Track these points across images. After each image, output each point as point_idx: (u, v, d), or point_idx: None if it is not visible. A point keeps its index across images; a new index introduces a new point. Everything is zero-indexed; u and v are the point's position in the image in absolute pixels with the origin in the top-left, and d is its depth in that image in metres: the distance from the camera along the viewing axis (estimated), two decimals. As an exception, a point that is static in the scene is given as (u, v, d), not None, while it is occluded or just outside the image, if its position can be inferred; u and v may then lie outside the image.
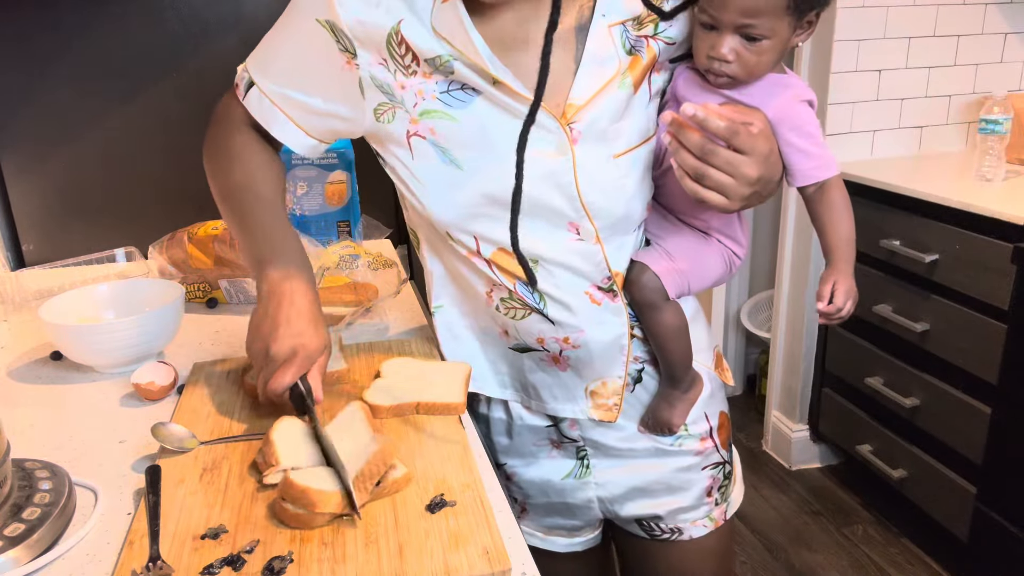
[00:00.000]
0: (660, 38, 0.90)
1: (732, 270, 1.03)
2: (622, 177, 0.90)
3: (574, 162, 0.86)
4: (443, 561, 0.65)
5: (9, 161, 1.51)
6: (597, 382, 1.00)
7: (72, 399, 1.00)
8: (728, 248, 1.00)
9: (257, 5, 1.54)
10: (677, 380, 1.01)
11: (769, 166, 0.82)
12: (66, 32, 1.47)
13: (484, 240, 0.91)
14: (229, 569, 0.65)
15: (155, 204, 1.59)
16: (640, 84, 0.89)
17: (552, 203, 0.88)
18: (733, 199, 0.80)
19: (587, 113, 0.86)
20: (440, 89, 0.86)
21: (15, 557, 0.67)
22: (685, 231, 0.99)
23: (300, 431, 0.81)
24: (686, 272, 0.97)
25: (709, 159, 0.79)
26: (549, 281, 0.92)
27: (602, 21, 0.86)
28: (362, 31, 0.84)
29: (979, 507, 1.87)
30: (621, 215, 0.91)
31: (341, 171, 1.46)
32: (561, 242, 0.90)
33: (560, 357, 0.97)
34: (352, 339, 1.13)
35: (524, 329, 0.96)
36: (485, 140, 0.86)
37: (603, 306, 0.95)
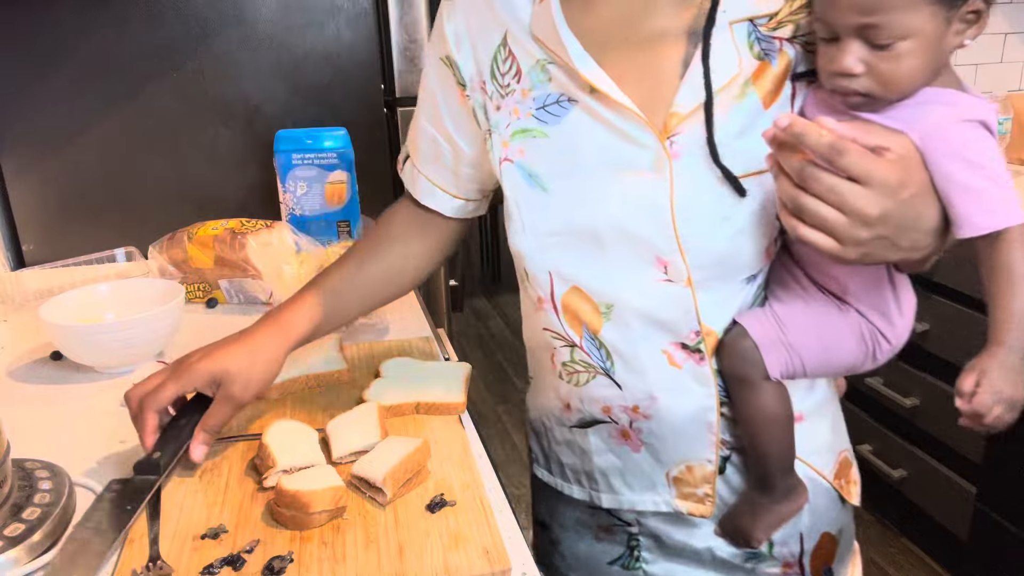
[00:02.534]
0: (799, 41, 0.72)
1: (876, 356, 0.77)
2: (730, 207, 0.72)
3: (671, 182, 0.72)
4: (443, 561, 0.65)
5: (9, 161, 1.51)
6: (680, 466, 0.82)
7: (72, 399, 1.00)
8: (871, 325, 0.76)
9: (257, 5, 1.54)
10: (766, 485, 0.80)
11: (904, 204, 0.61)
12: (66, 32, 1.47)
13: (559, 277, 0.79)
14: (229, 569, 0.65)
15: (155, 204, 1.59)
16: (774, 98, 0.72)
17: (640, 231, 0.74)
18: (845, 243, 0.62)
19: (692, 124, 0.72)
20: (536, 105, 0.78)
21: (15, 557, 0.67)
22: (812, 294, 0.77)
23: (293, 431, 0.82)
24: (797, 347, 0.76)
25: (808, 185, 0.61)
26: (620, 332, 0.78)
27: (723, 17, 0.72)
28: (469, 53, 0.81)
29: (979, 507, 1.87)
30: (722, 254, 0.74)
31: (341, 171, 1.46)
32: (645, 282, 0.75)
33: (631, 431, 0.82)
34: (352, 339, 1.13)
35: (588, 397, 0.83)
36: (575, 156, 0.76)
37: (684, 370, 0.78)
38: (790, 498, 0.80)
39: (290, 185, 1.46)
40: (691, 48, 0.73)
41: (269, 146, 1.48)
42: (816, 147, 0.60)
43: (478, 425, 0.92)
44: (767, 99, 0.72)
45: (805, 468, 0.82)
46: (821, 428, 0.84)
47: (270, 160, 1.49)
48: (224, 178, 1.62)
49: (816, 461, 0.83)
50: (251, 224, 1.33)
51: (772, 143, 0.64)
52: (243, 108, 1.58)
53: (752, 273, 0.77)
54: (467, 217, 0.96)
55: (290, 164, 1.45)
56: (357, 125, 1.62)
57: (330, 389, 0.96)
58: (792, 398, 0.79)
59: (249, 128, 1.60)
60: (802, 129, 0.60)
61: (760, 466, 0.79)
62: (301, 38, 1.58)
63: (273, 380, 0.84)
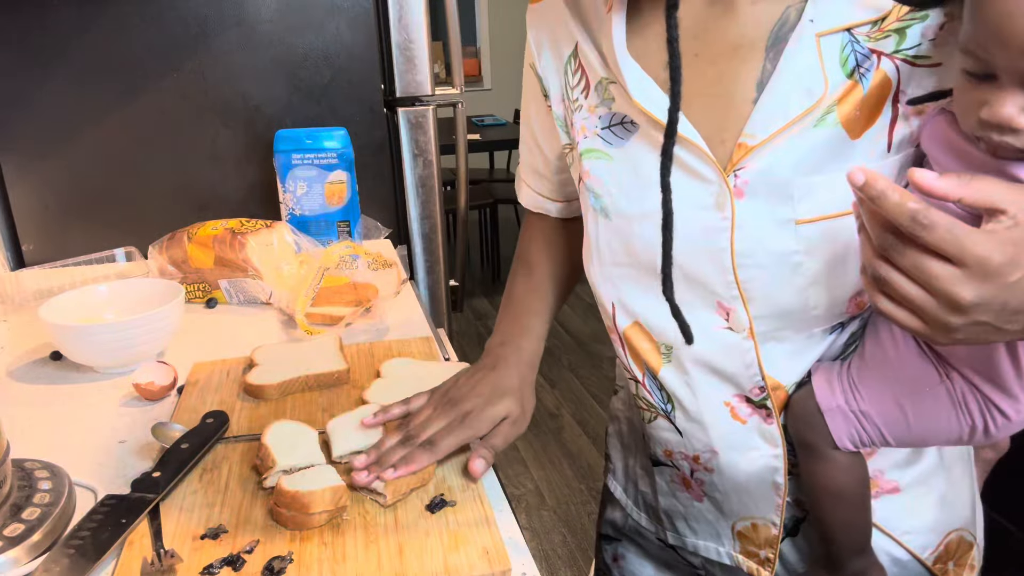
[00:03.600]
0: (903, 55, 0.60)
1: (989, 431, 0.63)
2: (801, 253, 0.63)
3: (732, 223, 0.64)
4: (443, 561, 0.65)
5: (9, 161, 1.51)
6: (746, 522, 0.76)
7: (72, 399, 1.00)
8: (980, 395, 0.62)
9: (257, 5, 1.54)
10: (832, 564, 0.71)
11: (1010, 288, 0.49)
12: (66, 32, 1.47)
13: (622, 309, 0.74)
14: (229, 569, 0.65)
15: (155, 204, 1.59)
16: (866, 126, 0.61)
17: (699, 274, 0.67)
18: (934, 328, 0.51)
19: (760, 158, 0.62)
20: (602, 124, 0.71)
21: (15, 557, 0.67)
22: (905, 353, 0.64)
23: (293, 431, 0.82)
24: (873, 416, 0.65)
25: (891, 257, 0.51)
26: (680, 377, 0.72)
27: (809, 28, 0.60)
28: (548, 63, 0.78)
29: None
30: (791, 306, 0.65)
31: (341, 171, 1.47)
32: (705, 327, 0.69)
33: (692, 481, 0.77)
34: (352, 339, 1.13)
35: (653, 436, 0.79)
36: (637, 184, 0.69)
37: (749, 425, 0.71)
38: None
39: (290, 185, 1.46)
40: (769, 66, 0.63)
41: (269, 146, 1.48)
42: (897, 217, 0.48)
43: (478, 425, 0.92)
44: (854, 127, 0.61)
45: (895, 547, 0.73)
46: (924, 503, 0.74)
47: (270, 160, 1.49)
48: (224, 178, 1.62)
49: (911, 541, 0.74)
50: (251, 224, 1.33)
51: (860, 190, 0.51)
52: (243, 108, 1.59)
53: (832, 324, 0.67)
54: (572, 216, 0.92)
55: (290, 164, 1.45)
56: (357, 125, 1.62)
57: (330, 389, 0.96)
58: (887, 464, 0.72)
59: (249, 128, 1.60)
60: (880, 191, 0.48)
61: (826, 542, 0.71)
62: (301, 38, 1.58)
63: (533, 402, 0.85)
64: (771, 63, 0.62)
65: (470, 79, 6.69)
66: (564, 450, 2.80)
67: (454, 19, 1.71)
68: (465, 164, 1.84)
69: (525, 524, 2.43)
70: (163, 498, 0.74)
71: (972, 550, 0.78)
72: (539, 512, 2.50)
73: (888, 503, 0.73)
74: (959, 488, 0.77)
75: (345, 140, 1.47)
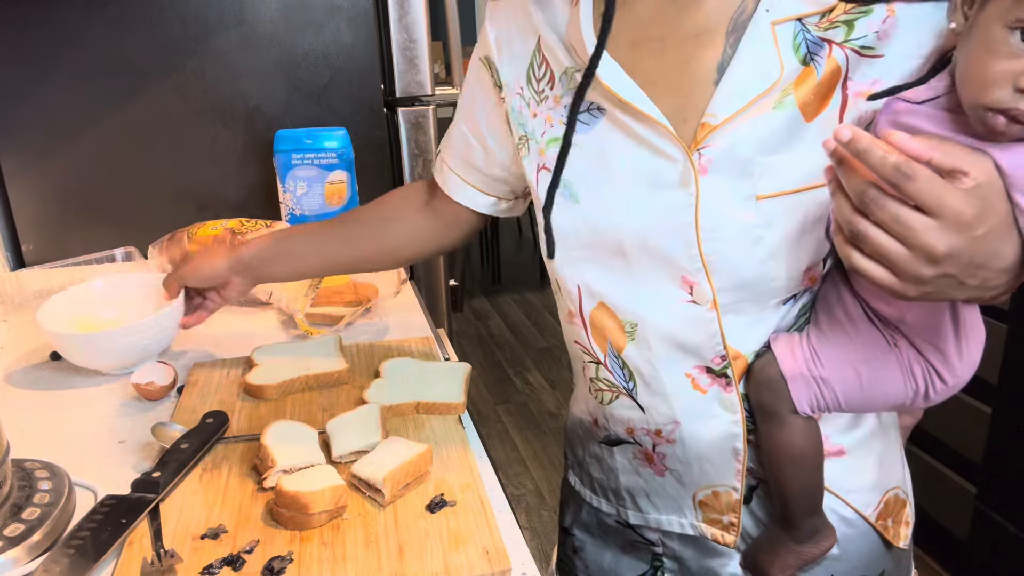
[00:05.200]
0: (851, 45, 0.65)
1: (929, 395, 0.69)
2: (762, 227, 0.67)
3: (697, 198, 0.68)
4: (443, 561, 0.65)
5: (9, 161, 1.51)
6: (707, 491, 0.79)
7: (72, 399, 1.00)
8: (925, 361, 0.68)
9: (257, 5, 1.54)
10: (789, 523, 0.75)
11: (977, 241, 0.52)
12: (66, 32, 1.47)
13: (587, 292, 0.77)
14: (229, 569, 0.65)
15: (155, 204, 1.59)
16: (819, 109, 0.66)
17: (664, 250, 0.70)
18: (905, 280, 0.54)
19: (724, 136, 0.66)
20: (567, 113, 0.74)
21: (15, 557, 0.67)
22: (858, 323, 0.69)
23: (293, 431, 0.82)
24: (832, 382, 0.70)
25: (870, 211, 0.53)
26: (643, 353, 0.75)
27: (765, 16, 0.65)
28: (508, 56, 0.80)
29: (979, 507, 1.87)
30: (752, 279, 0.69)
31: (341, 171, 1.47)
32: (669, 302, 0.72)
33: (654, 455, 0.80)
34: (352, 339, 1.13)
35: (612, 416, 0.81)
36: (604, 167, 0.72)
37: (709, 395, 0.74)
38: (815, 540, 0.75)
39: (290, 185, 1.46)
40: (729, 50, 0.67)
41: (269, 146, 1.48)
42: (880, 169, 0.51)
43: (478, 425, 0.92)
44: (808, 110, 0.66)
45: (842, 506, 0.77)
46: (866, 464, 0.78)
47: (270, 160, 1.49)
48: (224, 178, 1.62)
49: (856, 500, 0.78)
50: (251, 224, 1.33)
51: (832, 157, 0.54)
52: (243, 108, 1.58)
53: (788, 296, 0.71)
54: (499, 216, 0.95)
55: (290, 164, 1.45)
56: (357, 125, 1.62)
57: (330, 389, 0.96)
58: (832, 430, 0.76)
59: (249, 128, 1.60)
60: (866, 145, 0.51)
61: (783, 504, 0.74)
62: (301, 38, 1.58)
63: (210, 281, 1.02)
64: (731, 48, 0.67)
65: (470, 79, 6.67)
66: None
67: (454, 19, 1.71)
68: (465, 164, 1.83)
69: (525, 524, 2.43)
70: (163, 498, 0.74)
71: (906, 507, 0.83)
72: (539, 512, 2.50)
73: (834, 465, 0.76)
74: (893, 450, 0.82)
75: (345, 140, 1.47)
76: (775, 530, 0.77)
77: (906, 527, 0.82)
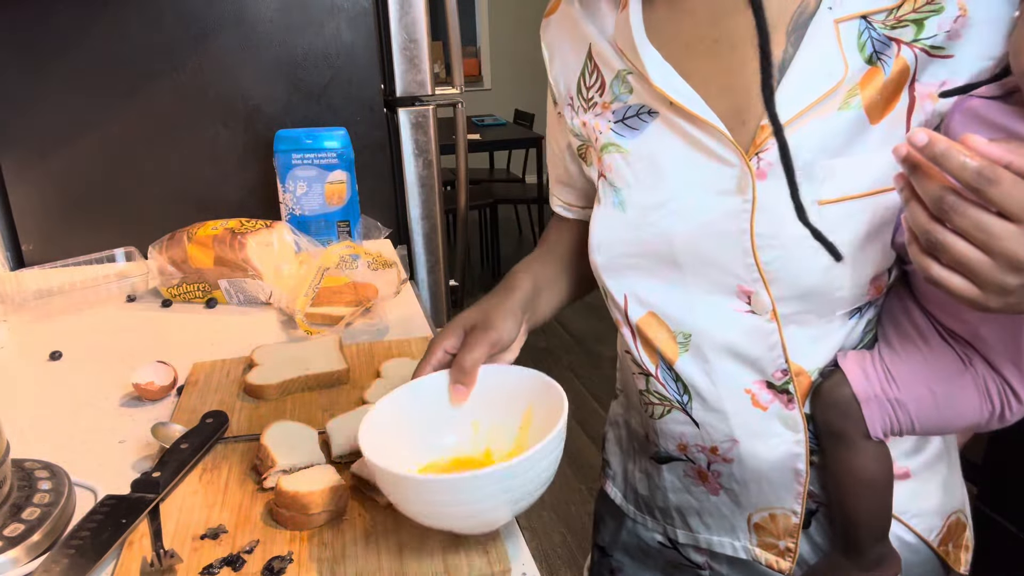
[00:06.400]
0: (921, 45, 0.62)
1: (1004, 416, 0.66)
2: (825, 234, 0.64)
3: (754, 204, 0.65)
4: (443, 561, 0.65)
5: (9, 161, 1.51)
6: (764, 513, 0.76)
7: (72, 399, 1.00)
8: (1001, 380, 0.65)
9: (257, 5, 1.54)
10: (853, 550, 0.72)
11: None
12: (66, 32, 1.47)
13: (635, 300, 0.74)
14: (229, 569, 0.65)
15: (155, 204, 1.59)
16: (884, 111, 0.63)
17: (720, 258, 0.68)
18: (987, 290, 0.51)
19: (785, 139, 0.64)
20: (615, 118, 0.72)
21: (15, 557, 0.67)
22: (931, 340, 0.66)
23: (293, 431, 0.82)
24: (907, 404, 0.66)
25: (949, 218, 0.50)
26: (698, 365, 0.72)
27: (828, 15, 0.62)
28: (560, 68, 0.79)
29: (979, 507, 1.87)
30: (813, 288, 0.66)
31: (341, 171, 1.47)
32: (725, 312, 0.69)
33: (708, 473, 0.76)
34: (352, 339, 1.13)
35: (663, 431, 0.78)
36: (655, 172, 0.70)
37: (770, 412, 0.71)
38: (880, 568, 0.72)
39: (290, 185, 1.46)
40: (791, 49, 0.64)
41: (269, 146, 1.48)
42: (960, 173, 0.48)
43: (478, 425, 0.92)
44: (874, 112, 0.63)
45: (906, 531, 0.75)
46: (930, 488, 0.75)
47: (270, 160, 1.49)
48: (224, 178, 1.62)
49: (920, 525, 0.75)
50: (251, 224, 1.33)
51: (904, 163, 0.52)
52: (243, 108, 1.59)
53: (854, 307, 0.68)
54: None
55: (290, 164, 1.45)
56: (357, 125, 1.62)
57: (330, 389, 0.96)
58: (899, 452, 0.73)
59: (249, 128, 1.60)
60: (944, 149, 0.48)
61: (848, 529, 0.71)
62: (301, 38, 1.58)
63: (516, 330, 0.75)
64: (792, 47, 0.64)
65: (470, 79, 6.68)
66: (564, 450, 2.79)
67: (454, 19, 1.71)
68: (465, 164, 1.84)
69: (525, 524, 2.43)
70: (163, 498, 0.74)
71: (966, 531, 0.80)
72: (539, 512, 2.50)
73: (899, 488, 0.73)
74: (956, 471, 0.79)
75: (345, 140, 1.47)
76: (836, 557, 0.73)
77: (966, 552, 0.79)
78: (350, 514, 0.72)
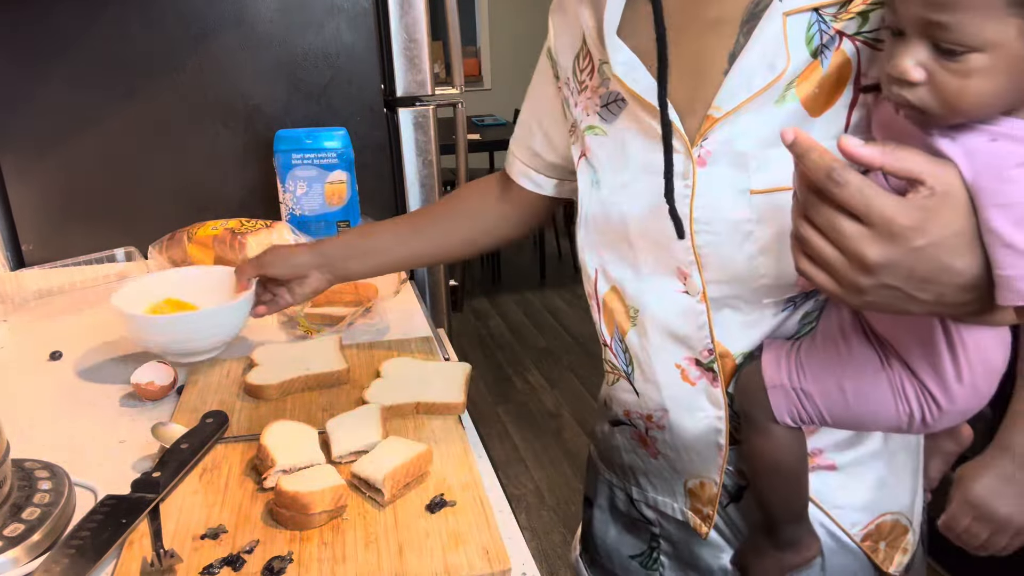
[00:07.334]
0: (863, 38, 0.62)
1: (922, 420, 0.65)
2: (753, 222, 0.66)
3: (693, 190, 0.68)
4: (443, 561, 0.65)
5: (9, 161, 1.51)
6: (695, 480, 0.80)
7: (72, 399, 1.00)
8: (919, 384, 0.64)
9: (257, 5, 1.54)
10: (769, 529, 0.74)
11: (916, 253, 0.50)
12: (66, 32, 1.47)
13: (603, 275, 0.79)
14: (229, 569, 0.65)
15: (155, 204, 1.59)
16: (827, 105, 0.64)
17: (662, 239, 0.71)
18: (845, 288, 0.53)
19: (724, 129, 0.66)
20: (601, 103, 0.76)
21: (15, 557, 0.67)
22: (851, 339, 0.67)
23: (293, 431, 0.82)
24: (815, 396, 0.67)
25: (809, 214, 0.53)
26: (640, 339, 0.77)
27: (778, 6, 0.63)
28: (562, 47, 0.82)
29: (979, 507, 1.87)
30: (741, 274, 0.69)
31: (341, 171, 1.46)
32: (666, 291, 0.73)
33: (648, 439, 0.82)
34: (352, 339, 1.13)
35: (614, 397, 0.84)
36: (623, 156, 0.74)
37: (698, 387, 0.75)
38: (795, 549, 0.74)
39: (290, 185, 1.46)
40: (743, 40, 0.65)
41: (269, 146, 1.48)
42: (813, 172, 0.51)
43: (478, 425, 0.92)
44: (815, 105, 0.63)
45: (827, 520, 0.77)
46: (858, 484, 0.76)
47: (270, 160, 1.49)
48: (224, 178, 1.62)
49: (841, 517, 0.77)
50: (251, 224, 1.33)
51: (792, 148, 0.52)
52: (243, 108, 1.58)
53: (786, 298, 0.70)
54: (567, 197, 0.96)
55: (290, 164, 1.45)
56: (357, 125, 1.62)
57: (330, 389, 0.96)
58: (828, 443, 0.75)
59: (249, 128, 1.60)
60: (804, 149, 0.51)
61: (763, 509, 0.74)
62: (301, 38, 1.58)
63: (291, 271, 1.00)
64: (744, 38, 0.65)
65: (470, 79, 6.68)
66: (564, 450, 2.80)
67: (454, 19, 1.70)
68: (465, 164, 1.84)
69: (525, 524, 2.43)
70: (163, 498, 0.74)
71: (907, 534, 0.81)
72: (539, 512, 2.50)
73: (822, 478, 0.76)
74: (901, 475, 0.80)
75: (345, 140, 1.47)
76: (757, 535, 0.77)
77: (903, 554, 0.80)
78: (350, 514, 0.72)
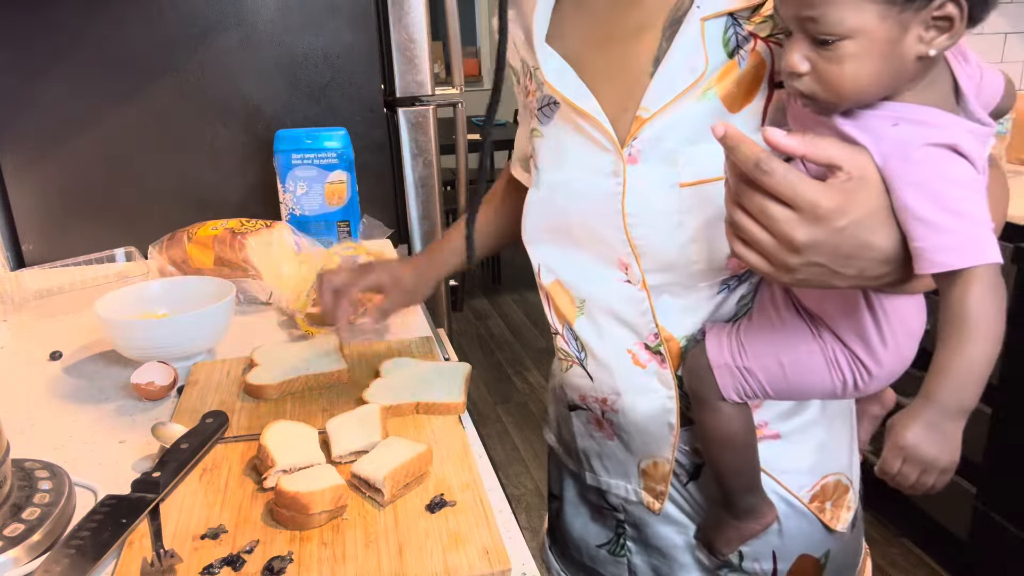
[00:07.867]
0: (775, 39, 0.67)
1: (855, 385, 0.70)
2: (683, 212, 0.71)
3: (624, 186, 0.73)
4: (443, 561, 0.65)
5: (9, 161, 1.51)
6: (648, 460, 0.84)
7: (72, 399, 1.00)
8: (849, 352, 0.69)
9: (257, 5, 1.54)
10: (726, 501, 0.79)
11: (839, 232, 0.55)
12: (66, 32, 1.47)
13: (546, 269, 0.83)
14: (229, 569, 0.65)
15: (155, 204, 1.59)
16: (744, 102, 0.69)
17: (603, 234, 0.76)
18: (776, 268, 0.58)
19: (652, 128, 0.70)
20: (538, 105, 0.80)
21: (15, 557, 0.67)
22: (784, 314, 0.71)
23: (293, 431, 0.82)
24: (756, 371, 0.72)
25: (741, 201, 0.58)
26: (591, 327, 0.81)
27: (695, 12, 0.68)
28: (515, 54, 0.84)
29: (979, 507, 1.87)
30: (675, 262, 0.73)
31: (341, 171, 1.47)
32: (609, 281, 0.78)
33: (603, 421, 0.85)
34: (352, 339, 1.13)
35: (569, 383, 0.87)
36: (560, 156, 0.78)
37: (648, 370, 0.79)
38: (753, 517, 0.79)
39: (290, 185, 1.46)
40: (665, 44, 0.70)
41: (269, 146, 1.49)
42: (743, 163, 0.55)
43: (478, 425, 0.92)
44: (733, 102, 0.68)
45: (777, 487, 0.81)
46: (802, 450, 0.81)
47: (270, 160, 1.49)
48: (224, 178, 1.62)
49: (789, 481, 0.81)
50: (251, 224, 1.33)
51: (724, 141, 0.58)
52: (243, 108, 1.59)
53: (720, 280, 0.74)
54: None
55: (290, 164, 1.45)
56: (357, 125, 1.62)
57: (330, 389, 0.96)
58: (772, 415, 0.79)
59: (249, 128, 1.60)
60: (734, 142, 0.55)
61: (719, 481, 0.78)
62: (301, 38, 1.58)
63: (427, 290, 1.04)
64: (667, 42, 0.70)
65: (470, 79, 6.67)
66: (564, 450, 2.80)
67: (454, 19, 1.71)
68: (465, 164, 1.84)
69: (525, 524, 2.43)
70: (163, 498, 0.74)
71: (848, 492, 0.85)
72: (539, 512, 2.50)
73: (771, 448, 0.80)
74: (839, 438, 0.84)
75: (345, 140, 1.47)
76: (716, 508, 0.81)
77: (847, 511, 0.85)
78: (350, 514, 0.72)
